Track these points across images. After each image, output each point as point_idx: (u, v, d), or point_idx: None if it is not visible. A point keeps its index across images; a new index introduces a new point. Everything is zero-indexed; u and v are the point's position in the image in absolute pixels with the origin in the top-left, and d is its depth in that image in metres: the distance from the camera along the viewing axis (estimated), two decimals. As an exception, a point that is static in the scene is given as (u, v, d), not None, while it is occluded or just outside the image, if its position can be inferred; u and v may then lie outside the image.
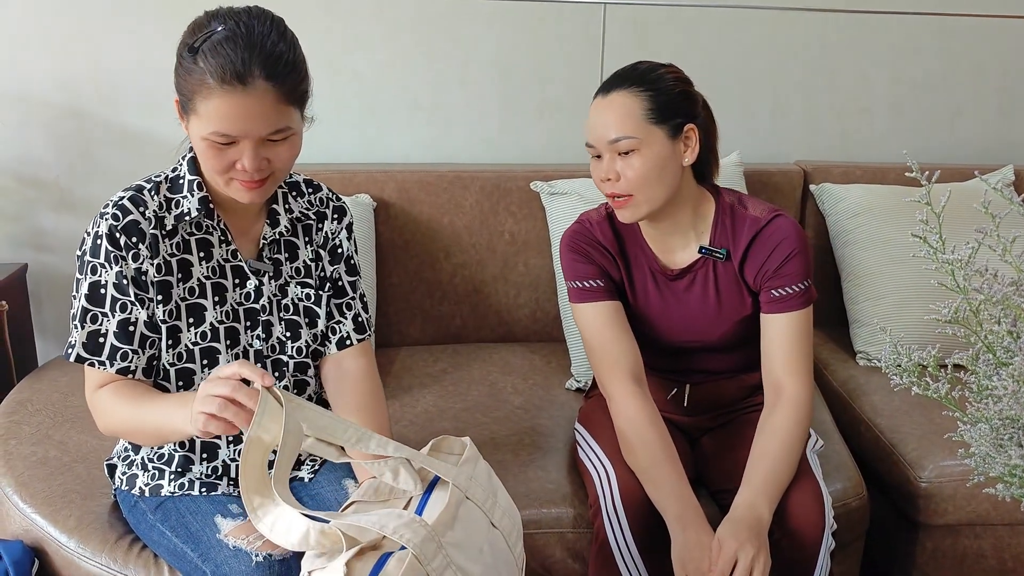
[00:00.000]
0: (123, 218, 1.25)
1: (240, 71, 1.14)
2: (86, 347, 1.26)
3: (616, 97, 1.47)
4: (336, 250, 1.44)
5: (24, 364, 2.21)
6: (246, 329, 1.36)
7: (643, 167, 1.45)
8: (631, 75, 1.49)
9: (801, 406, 1.50)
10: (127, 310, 1.26)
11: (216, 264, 1.33)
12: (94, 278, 1.26)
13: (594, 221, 1.61)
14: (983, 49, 2.48)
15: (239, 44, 1.15)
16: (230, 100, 1.15)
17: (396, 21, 2.26)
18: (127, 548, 1.42)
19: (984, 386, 0.96)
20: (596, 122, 1.48)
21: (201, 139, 1.19)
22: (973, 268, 0.91)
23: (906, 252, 2.14)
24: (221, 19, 1.19)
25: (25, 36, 2.16)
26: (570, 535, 1.59)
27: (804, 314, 1.52)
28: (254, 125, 1.17)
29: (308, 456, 1.46)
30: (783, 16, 2.39)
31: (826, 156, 2.49)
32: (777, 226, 1.52)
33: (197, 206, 1.30)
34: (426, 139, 2.36)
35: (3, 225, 2.26)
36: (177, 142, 1.36)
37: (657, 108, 1.45)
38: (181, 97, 1.21)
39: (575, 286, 1.59)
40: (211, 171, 1.23)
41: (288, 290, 1.40)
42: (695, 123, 1.49)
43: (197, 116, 1.18)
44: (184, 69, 1.18)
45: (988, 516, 1.75)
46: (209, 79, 1.15)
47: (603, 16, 2.32)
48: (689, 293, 1.58)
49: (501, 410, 1.92)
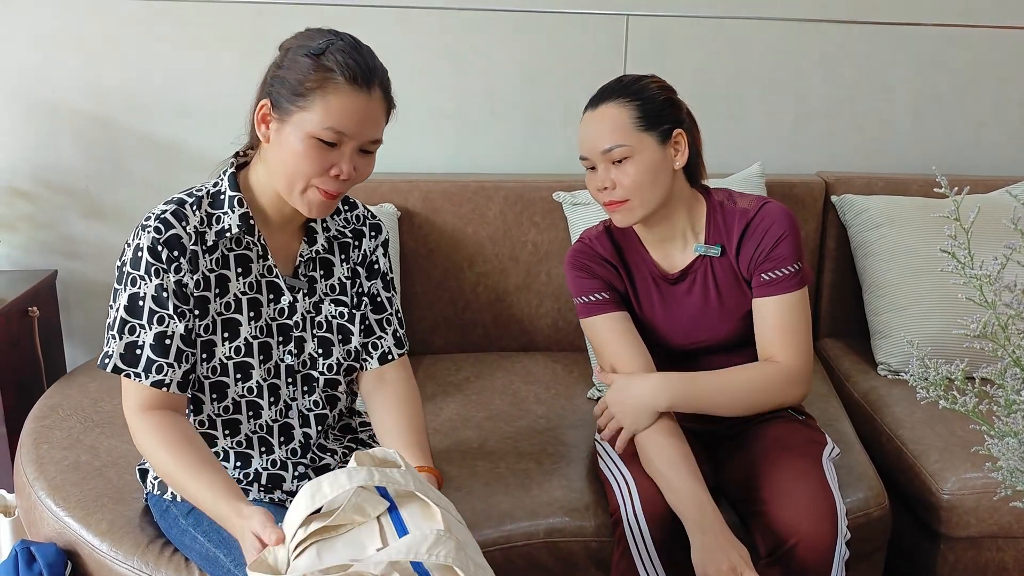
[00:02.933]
0: (165, 232, 1.27)
1: (368, 76, 1.24)
2: (123, 358, 1.27)
3: (605, 109, 1.52)
4: (373, 266, 1.47)
5: (53, 369, 2.25)
6: (279, 344, 1.38)
7: (637, 173, 1.49)
8: (616, 88, 1.54)
9: (785, 369, 1.53)
10: (164, 323, 1.27)
11: (253, 280, 1.35)
12: (133, 290, 1.27)
13: (593, 236, 1.67)
14: (1006, 60, 2.48)
15: (362, 54, 1.25)
16: (355, 99, 1.23)
17: (421, 32, 2.29)
18: (159, 552, 1.44)
19: (1012, 400, 0.97)
20: (588, 135, 1.53)
21: (309, 136, 1.22)
22: (1002, 283, 0.91)
23: (928, 264, 2.14)
24: (328, 34, 1.26)
25: (57, 45, 2.21)
26: (593, 543, 1.60)
27: (797, 296, 1.54)
28: (366, 128, 1.25)
29: (338, 463, 1.47)
30: (805, 27, 2.40)
31: (848, 167, 2.50)
32: (765, 212, 1.55)
33: (238, 222, 1.31)
34: (450, 149, 2.38)
35: (34, 232, 2.30)
36: (205, 150, 1.38)
37: (645, 116, 1.50)
38: (284, 99, 1.23)
39: (582, 301, 1.63)
40: (297, 175, 1.25)
41: (322, 307, 1.42)
42: (682, 128, 1.53)
43: (310, 113, 1.22)
44: (303, 67, 1.22)
45: (1011, 529, 1.74)
46: (338, 76, 1.21)
47: (626, 28, 2.34)
48: (691, 295, 1.61)
49: (524, 419, 1.94)
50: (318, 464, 1.45)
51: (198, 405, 1.36)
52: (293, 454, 1.42)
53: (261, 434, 1.40)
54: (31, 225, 2.30)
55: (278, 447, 1.41)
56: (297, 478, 1.42)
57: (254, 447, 1.40)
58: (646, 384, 1.52)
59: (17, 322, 2.07)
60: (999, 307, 0.93)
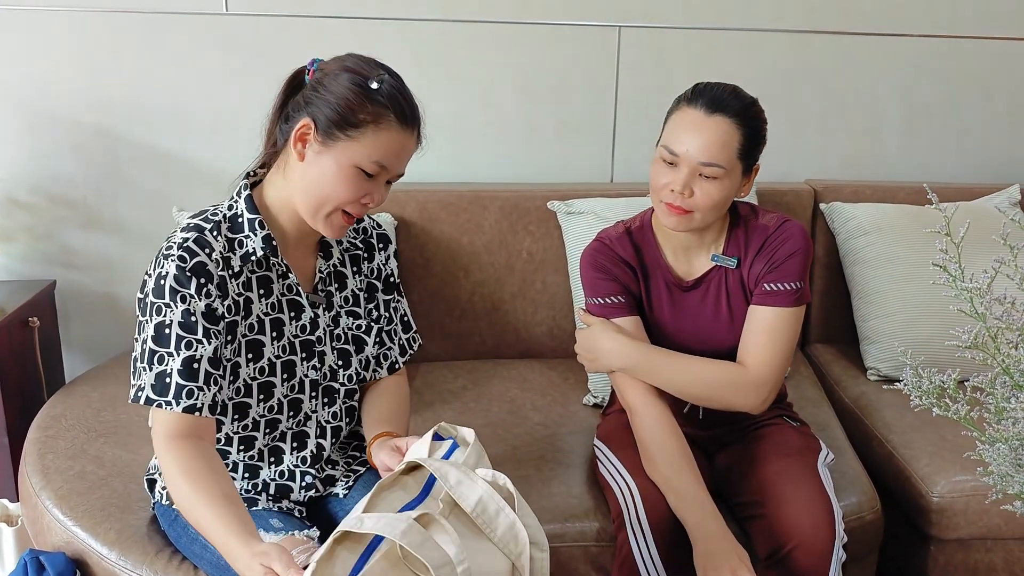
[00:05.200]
0: (190, 260, 1.26)
1: (415, 117, 1.32)
2: (154, 388, 1.25)
3: (719, 121, 1.48)
4: (388, 279, 1.51)
5: (52, 379, 2.26)
6: (302, 360, 1.40)
7: (718, 195, 1.49)
8: (735, 104, 1.50)
9: (748, 375, 1.56)
10: (192, 348, 1.25)
11: (275, 300, 1.36)
12: (159, 319, 1.25)
13: (613, 238, 1.66)
14: (990, 70, 2.53)
15: (407, 94, 1.31)
16: (401, 138, 1.30)
17: (418, 43, 2.32)
18: (167, 560, 1.46)
19: (1002, 407, 1.01)
20: (691, 138, 1.48)
21: (353, 166, 1.27)
22: (992, 296, 0.95)
23: (915, 270, 2.19)
24: (376, 66, 1.31)
25: (57, 57, 2.22)
26: (594, 548, 1.63)
27: (791, 312, 1.56)
28: (402, 164, 1.33)
29: (343, 473, 1.50)
30: (794, 38, 2.44)
31: (836, 175, 2.54)
32: (785, 229, 1.58)
33: (261, 245, 1.32)
34: (446, 159, 2.41)
35: (33, 242, 2.32)
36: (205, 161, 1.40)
37: (747, 145, 1.50)
38: (333, 124, 1.26)
39: (597, 302, 1.64)
40: (330, 200, 1.28)
41: (340, 320, 1.44)
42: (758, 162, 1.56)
43: (357, 143, 1.26)
44: (360, 98, 1.26)
45: (999, 531, 1.79)
46: (391, 115, 1.27)
47: (618, 39, 2.38)
48: (703, 304, 1.63)
49: (522, 426, 1.97)
50: (324, 475, 1.47)
51: (218, 426, 1.35)
52: (303, 462, 1.44)
53: (274, 444, 1.42)
54: (30, 236, 2.31)
55: (289, 454, 1.43)
56: (304, 488, 1.44)
57: (264, 459, 1.42)
58: (613, 344, 1.59)
59: (18, 333, 2.09)
60: (989, 320, 0.97)
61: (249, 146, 1.42)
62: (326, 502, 1.47)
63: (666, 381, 1.58)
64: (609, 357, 1.60)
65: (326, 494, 1.48)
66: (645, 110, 2.41)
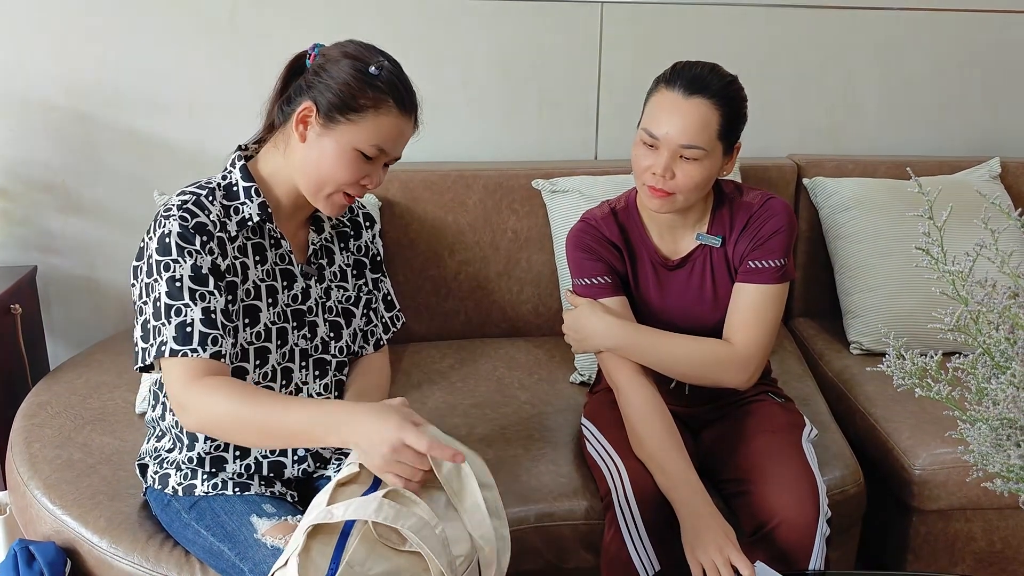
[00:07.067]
0: (191, 219, 1.29)
1: (413, 103, 1.36)
2: (176, 339, 1.25)
3: (698, 104, 1.48)
4: (376, 258, 1.55)
5: (36, 366, 2.25)
6: (294, 329, 1.43)
7: (700, 177, 1.50)
8: (713, 84, 1.49)
9: (735, 352, 1.58)
10: (207, 299, 1.27)
11: (269, 267, 1.40)
12: (168, 274, 1.27)
13: (599, 218, 1.67)
14: (969, 44, 2.54)
15: (405, 80, 1.35)
16: (400, 123, 1.33)
17: (396, 21, 2.30)
18: (158, 546, 1.47)
19: (983, 388, 1.02)
20: (670, 120, 1.48)
21: (353, 149, 1.31)
22: (974, 280, 0.97)
23: (897, 245, 2.20)
24: (376, 53, 1.34)
25: (31, 39, 2.18)
26: (583, 526, 1.65)
27: (775, 289, 1.58)
28: (400, 148, 1.37)
29: (334, 455, 1.51)
30: (774, 12, 2.44)
31: (819, 150, 2.55)
32: (769, 206, 1.59)
33: (257, 211, 1.36)
34: (428, 138, 2.37)
35: (12, 228, 2.29)
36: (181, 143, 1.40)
37: (727, 125, 1.50)
38: (334, 108, 1.29)
39: (582, 283, 1.65)
40: (330, 181, 1.32)
41: (331, 293, 1.48)
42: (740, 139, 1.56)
43: (357, 127, 1.30)
44: (362, 84, 1.30)
45: (978, 501, 1.82)
46: (391, 100, 1.31)
47: (600, 15, 2.37)
48: (688, 282, 1.64)
49: (509, 405, 1.98)
50: (314, 449, 1.48)
51: None
52: None
53: None
54: (8, 221, 2.28)
55: None
56: (297, 462, 1.46)
57: None
58: (600, 324, 1.60)
59: (0, 320, 2.07)
60: (971, 304, 0.99)
61: (227, 128, 1.43)
62: (318, 484, 1.49)
63: (654, 360, 1.60)
64: (597, 337, 1.61)
65: (318, 476, 1.49)
66: (629, 87, 2.40)
